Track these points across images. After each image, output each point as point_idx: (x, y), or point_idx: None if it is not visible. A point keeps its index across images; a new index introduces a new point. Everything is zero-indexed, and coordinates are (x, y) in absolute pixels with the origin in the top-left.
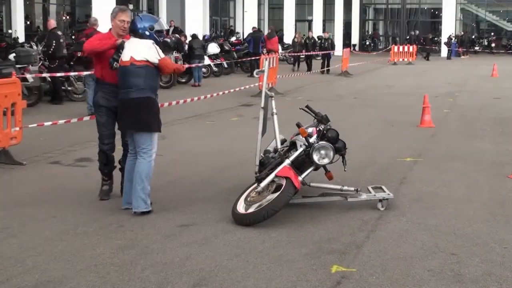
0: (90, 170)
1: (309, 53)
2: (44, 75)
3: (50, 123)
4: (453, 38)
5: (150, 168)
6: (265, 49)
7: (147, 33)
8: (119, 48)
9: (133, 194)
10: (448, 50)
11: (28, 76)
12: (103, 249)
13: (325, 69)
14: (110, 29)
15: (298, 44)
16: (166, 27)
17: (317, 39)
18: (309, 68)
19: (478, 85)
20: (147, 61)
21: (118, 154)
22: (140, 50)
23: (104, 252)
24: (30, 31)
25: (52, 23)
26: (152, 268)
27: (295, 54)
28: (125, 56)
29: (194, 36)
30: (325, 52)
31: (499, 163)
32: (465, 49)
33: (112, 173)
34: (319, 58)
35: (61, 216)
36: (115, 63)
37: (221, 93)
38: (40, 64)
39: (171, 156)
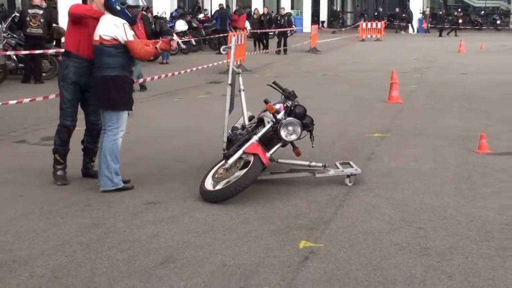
0: None
1: (263, 31)
2: (8, 53)
3: (15, 101)
4: (420, 14)
5: (114, 146)
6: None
7: (118, 7)
8: None
9: (99, 172)
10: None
11: None
12: (69, 228)
13: (282, 48)
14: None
15: (257, 21)
16: (142, 2)
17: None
18: (266, 47)
19: (445, 61)
20: (116, 39)
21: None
22: (108, 29)
23: (70, 231)
24: None
25: (35, 0)
26: (119, 246)
27: (253, 32)
28: (96, 35)
29: (156, 17)
30: (281, 29)
31: (465, 138)
32: (432, 26)
33: (67, 155)
34: (271, 35)
35: (27, 196)
36: None
37: (189, 70)
38: (4, 42)
39: (139, 133)
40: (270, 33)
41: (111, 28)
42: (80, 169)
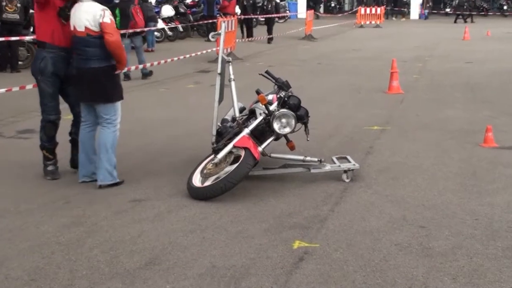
0: (34, 142)
1: (247, 17)
2: None
3: None
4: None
5: (115, 138)
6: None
7: None
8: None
9: (98, 166)
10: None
11: None
12: (47, 227)
13: (267, 37)
14: None
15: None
16: None
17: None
18: (250, 34)
19: (449, 49)
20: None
21: (65, 125)
22: (91, 18)
23: (49, 230)
24: None
25: None
26: (101, 246)
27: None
28: (80, 26)
29: (142, 1)
30: (267, 16)
31: (470, 131)
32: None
33: (55, 149)
34: (262, 22)
35: (2, 192)
36: (62, 20)
37: (176, 58)
38: None
39: (123, 125)
40: (255, 20)
41: (94, 17)
42: (62, 163)
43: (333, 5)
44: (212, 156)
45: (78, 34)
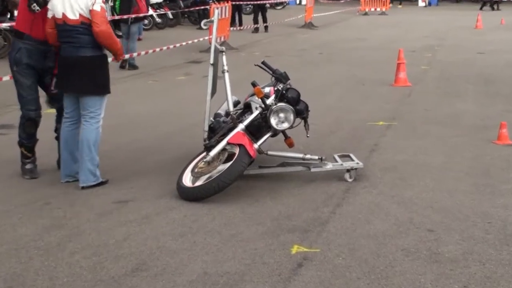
0: (11, 138)
1: (236, 2)
2: None
3: None
4: None
5: (98, 135)
6: None
7: None
8: None
9: (80, 166)
10: None
11: None
12: (25, 229)
13: (262, 25)
14: None
15: None
16: None
17: None
18: (240, 23)
19: (460, 38)
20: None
21: (46, 121)
22: (85, 6)
23: (27, 233)
24: None
25: None
26: (83, 251)
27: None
28: (73, 14)
29: None
30: (257, 1)
31: (482, 127)
32: None
33: (35, 147)
34: (248, 9)
35: None
36: (35, 5)
37: (165, 48)
38: None
39: (108, 120)
40: (246, 7)
41: (86, 3)
42: (41, 161)
43: None
44: (204, 153)
45: (70, 22)
